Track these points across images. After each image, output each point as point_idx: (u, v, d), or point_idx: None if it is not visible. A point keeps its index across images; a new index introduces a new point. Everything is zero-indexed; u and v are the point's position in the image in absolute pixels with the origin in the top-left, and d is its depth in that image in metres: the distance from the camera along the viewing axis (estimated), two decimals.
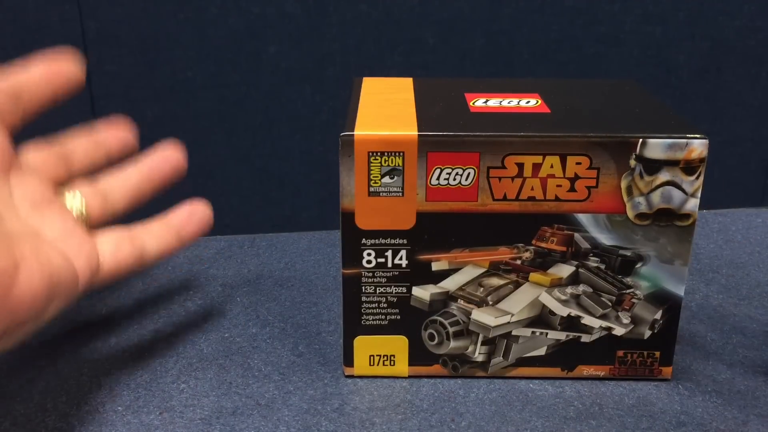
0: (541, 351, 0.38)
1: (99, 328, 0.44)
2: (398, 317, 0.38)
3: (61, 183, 0.37)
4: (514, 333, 0.38)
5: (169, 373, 0.40)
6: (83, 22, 0.76)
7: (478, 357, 0.39)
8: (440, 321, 0.38)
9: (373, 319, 0.38)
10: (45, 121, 0.80)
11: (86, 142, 0.39)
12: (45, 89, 0.36)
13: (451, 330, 0.38)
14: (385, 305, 0.38)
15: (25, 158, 0.36)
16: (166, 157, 0.40)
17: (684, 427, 0.36)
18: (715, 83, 0.80)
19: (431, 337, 0.38)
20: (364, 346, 0.39)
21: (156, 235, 0.38)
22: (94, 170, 0.39)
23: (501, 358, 0.39)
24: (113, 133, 0.40)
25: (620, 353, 0.38)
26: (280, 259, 0.53)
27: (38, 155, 0.37)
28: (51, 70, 0.36)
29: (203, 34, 0.75)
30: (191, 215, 0.40)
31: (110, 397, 0.38)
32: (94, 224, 0.38)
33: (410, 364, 0.39)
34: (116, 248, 0.36)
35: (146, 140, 0.81)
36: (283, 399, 0.38)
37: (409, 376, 0.39)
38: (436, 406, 0.37)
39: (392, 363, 0.39)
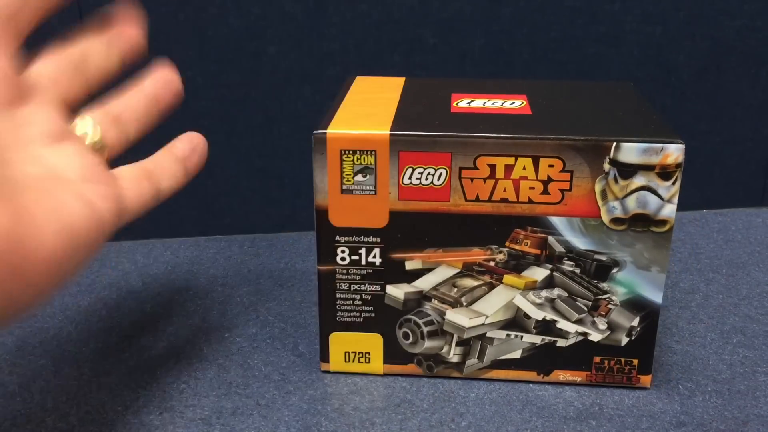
0: (517, 354, 0.38)
1: (99, 329, 0.44)
2: (373, 315, 0.38)
3: (75, 103, 0.31)
4: (488, 335, 0.38)
5: (169, 373, 0.40)
6: (83, 21, 0.76)
7: (453, 357, 0.39)
8: (414, 320, 0.38)
9: (348, 316, 0.38)
10: None
11: (99, 44, 0.32)
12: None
13: (425, 329, 0.38)
14: (360, 302, 0.38)
15: (34, 76, 0.30)
16: (167, 80, 0.35)
17: (684, 427, 0.36)
18: (715, 83, 0.80)
19: (406, 336, 0.38)
20: (340, 342, 0.39)
21: (167, 169, 0.34)
22: (107, 84, 0.33)
23: (476, 359, 0.39)
24: (125, 29, 0.33)
25: (597, 359, 0.38)
26: (280, 259, 0.53)
27: (49, 68, 0.30)
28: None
29: (203, 34, 0.75)
30: (192, 145, 0.36)
31: (110, 397, 0.38)
32: (110, 156, 0.33)
33: (385, 362, 0.39)
34: (138, 186, 0.32)
35: (146, 140, 0.81)
36: (283, 399, 0.38)
37: (384, 374, 0.39)
38: (436, 406, 0.37)
39: (367, 360, 0.39)
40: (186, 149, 0.36)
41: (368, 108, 0.38)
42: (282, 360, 0.41)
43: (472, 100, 0.40)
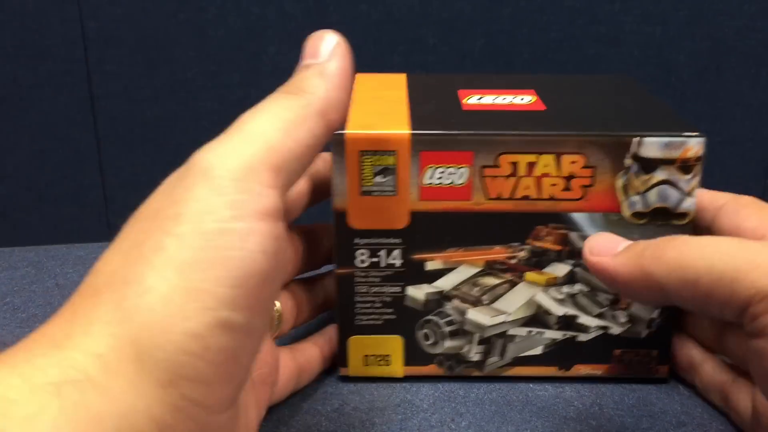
0: (538, 350, 0.38)
1: None
2: (393, 317, 0.38)
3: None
4: (509, 332, 0.38)
5: None
6: (83, 22, 0.76)
7: (474, 357, 0.38)
8: (435, 321, 0.38)
9: (367, 319, 0.38)
10: (45, 121, 0.80)
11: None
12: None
13: (446, 330, 0.38)
14: (380, 305, 0.37)
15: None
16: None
17: (684, 427, 0.36)
18: (715, 83, 0.80)
19: (426, 337, 0.38)
20: (359, 346, 0.38)
21: (309, 371, 0.38)
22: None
23: (497, 357, 0.38)
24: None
25: (617, 352, 0.38)
26: None
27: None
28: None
29: (203, 34, 0.75)
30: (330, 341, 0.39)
31: None
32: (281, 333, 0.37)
33: (405, 364, 0.39)
34: (285, 388, 0.36)
35: (146, 140, 0.81)
36: (283, 399, 0.38)
37: (405, 377, 0.39)
38: (436, 406, 0.37)
39: (387, 363, 0.38)
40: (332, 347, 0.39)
41: (379, 107, 0.38)
42: None
43: (481, 97, 0.40)
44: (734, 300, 0.27)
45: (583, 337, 0.38)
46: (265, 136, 0.26)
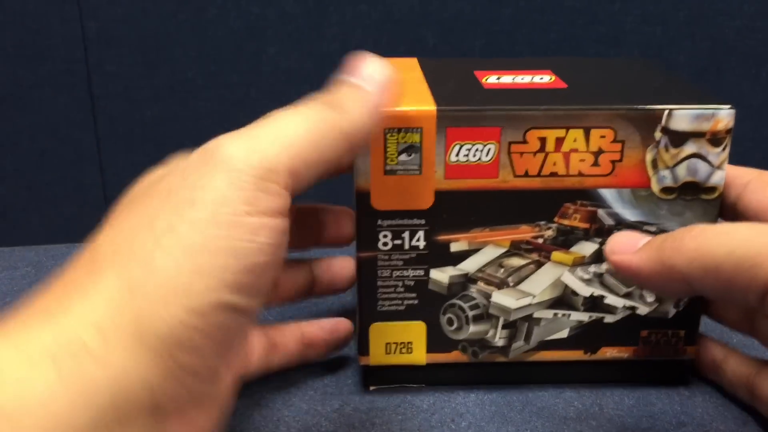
0: (563, 333, 0.37)
1: None
2: (416, 302, 0.36)
3: None
4: (535, 315, 0.37)
5: None
6: (83, 22, 0.76)
7: (499, 342, 0.37)
8: (459, 305, 0.36)
9: (389, 305, 0.36)
10: (45, 121, 0.80)
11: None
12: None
13: (470, 314, 0.37)
14: (402, 289, 0.36)
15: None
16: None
17: (684, 427, 0.36)
18: (715, 83, 0.80)
19: (450, 322, 0.37)
20: (381, 333, 0.37)
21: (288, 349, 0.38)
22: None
23: (522, 342, 0.37)
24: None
25: (644, 333, 0.37)
26: None
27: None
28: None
29: (203, 34, 0.75)
30: (332, 332, 0.38)
31: None
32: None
33: (428, 351, 0.37)
34: (257, 362, 0.36)
35: (146, 140, 0.81)
36: (283, 399, 0.38)
37: (427, 364, 0.38)
38: (436, 407, 0.37)
39: (409, 351, 0.37)
40: (318, 334, 0.38)
41: (399, 87, 0.37)
42: None
43: (499, 77, 0.39)
44: (755, 285, 0.27)
45: (610, 319, 0.37)
46: (292, 140, 0.27)
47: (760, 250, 0.27)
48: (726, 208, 0.35)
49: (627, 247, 0.31)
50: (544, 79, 0.38)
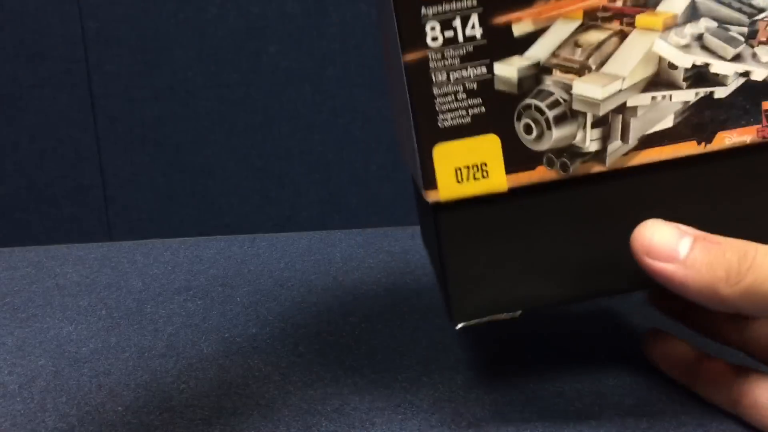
0: (668, 122, 0.30)
1: (99, 329, 0.44)
2: (482, 109, 0.30)
3: None
4: (629, 103, 0.30)
5: (169, 373, 0.40)
6: (83, 22, 0.76)
7: (591, 146, 0.30)
8: (535, 104, 0.30)
9: (452, 118, 0.30)
10: (45, 121, 0.80)
11: None
12: None
13: (550, 114, 0.30)
14: (464, 95, 0.30)
15: None
16: None
17: (684, 427, 0.36)
18: None
19: (528, 129, 0.30)
20: (446, 155, 0.30)
21: None
22: None
23: (619, 141, 0.30)
24: None
25: (766, 105, 0.30)
26: (280, 259, 0.53)
27: None
28: None
29: (203, 34, 0.75)
30: None
31: (110, 397, 0.38)
32: None
33: (507, 171, 0.31)
34: None
35: (146, 140, 0.81)
36: (283, 399, 0.38)
37: (511, 191, 0.31)
38: (436, 407, 0.37)
39: (485, 175, 0.30)
40: None
41: None
42: (282, 360, 0.41)
43: None
44: None
45: (721, 93, 0.30)
46: None
47: None
48: None
49: (667, 251, 0.28)
50: None
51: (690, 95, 0.30)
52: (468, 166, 0.30)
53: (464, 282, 0.32)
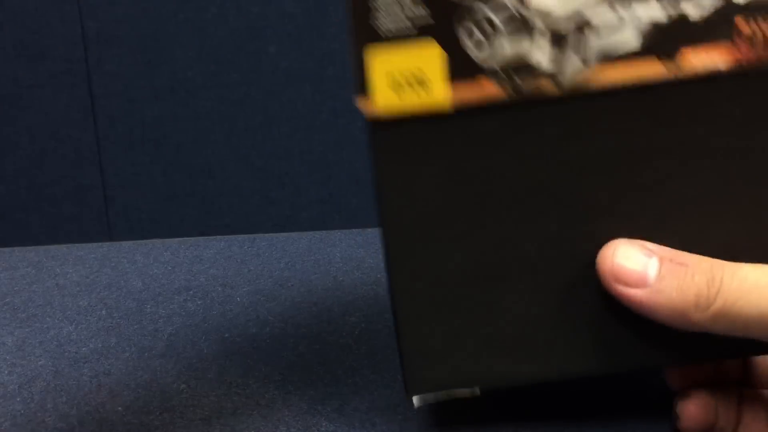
0: (633, 43, 0.27)
1: (99, 329, 0.44)
2: (425, 13, 0.27)
3: None
4: (590, 19, 0.27)
5: (169, 373, 0.40)
6: (83, 22, 0.76)
7: (545, 63, 0.27)
8: (478, 7, 0.26)
9: (391, 22, 0.27)
10: (45, 121, 0.80)
11: None
12: None
13: (501, 26, 0.27)
14: None
15: None
16: None
17: None
18: None
19: (470, 34, 0.27)
20: (383, 62, 0.27)
21: None
22: None
23: (578, 61, 0.27)
24: None
25: (740, 21, 0.26)
26: (280, 259, 0.53)
27: None
28: None
29: (203, 34, 0.75)
30: None
31: (110, 397, 0.38)
32: None
33: (451, 82, 0.27)
34: None
35: (146, 140, 0.81)
36: (283, 399, 0.38)
37: (457, 114, 0.28)
38: (435, 407, 0.37)
39: (424, 86, 0.27)
40: None
41: None
42: (282, 360, 0.41)
43: None
44: None
45: (694, 12, 0.26)
46: None
47: None
48: None
49: (635, 277, 0.28)
50: None
51: (657, 11, 0.27)
52: (405, 75, 0.27)
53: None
